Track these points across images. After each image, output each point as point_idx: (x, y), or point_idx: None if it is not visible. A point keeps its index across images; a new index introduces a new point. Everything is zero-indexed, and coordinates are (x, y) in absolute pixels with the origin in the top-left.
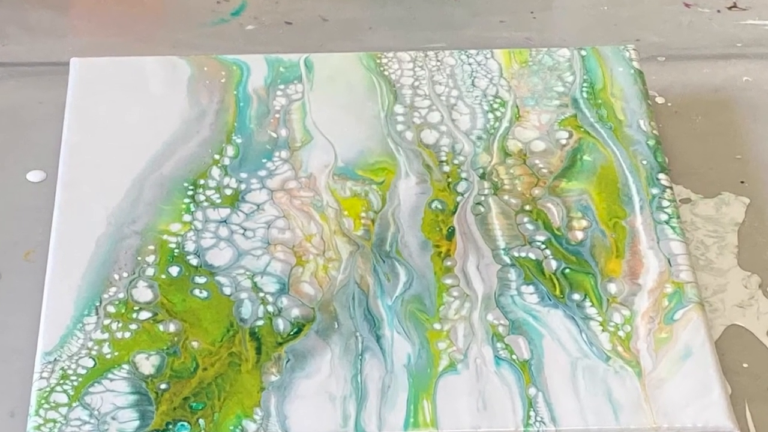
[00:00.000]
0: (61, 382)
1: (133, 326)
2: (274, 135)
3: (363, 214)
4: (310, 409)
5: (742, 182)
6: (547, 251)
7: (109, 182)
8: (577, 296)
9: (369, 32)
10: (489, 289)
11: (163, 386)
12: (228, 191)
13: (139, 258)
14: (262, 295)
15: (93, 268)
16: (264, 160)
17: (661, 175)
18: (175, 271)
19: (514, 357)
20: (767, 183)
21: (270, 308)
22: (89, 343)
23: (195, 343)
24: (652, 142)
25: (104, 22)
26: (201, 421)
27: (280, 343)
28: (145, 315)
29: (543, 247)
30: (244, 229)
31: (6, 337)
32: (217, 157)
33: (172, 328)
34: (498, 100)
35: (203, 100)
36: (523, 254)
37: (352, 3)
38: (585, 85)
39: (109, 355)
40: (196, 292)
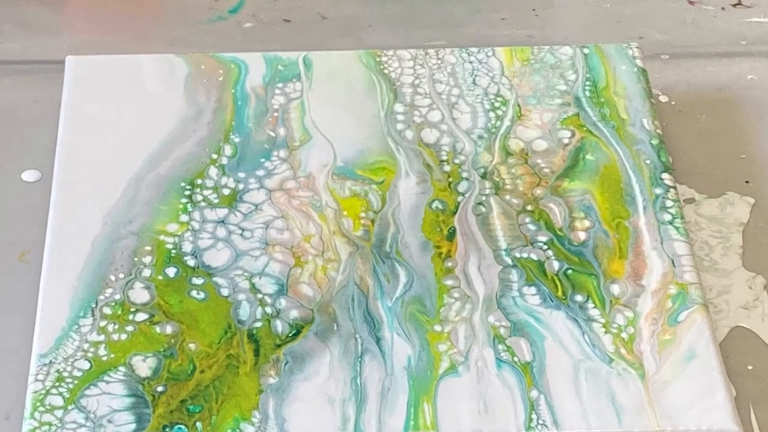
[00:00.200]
0: (57, 384)
1: (130, 328)
2: (273, 134)
3: (362, 215)
4: (309, 412)
5: (747, 182)
6: (549, 252)
7: (105, 182)
8: (579, 297)
9: (368, 30)
10: (490, 291)
11: (160, 389)
12: (226, 191)
13: (136, 259)
14: (260, 296)
15: (89, 269)
16: (262, 160)
17: (665, 175)
18: (172, 272)
19: (516, 359)
20: None
21: (268, 310)
22: (85, 345)
23: (192, 345)
24: (655, 142)
25: (100, 19)
26: (198, 424)
27: (279, 345)
28: (141, 316)
29: (545, 247)
30: (242, 230)
31: (0, 338)
32: (214, 156)
33: (169, 329)
34: (499, 99)
35: (200, 99)
36: (525, 255)
37: (352, 0)
38: (588, 83)
39: (105, 357)
40: (194, 293)
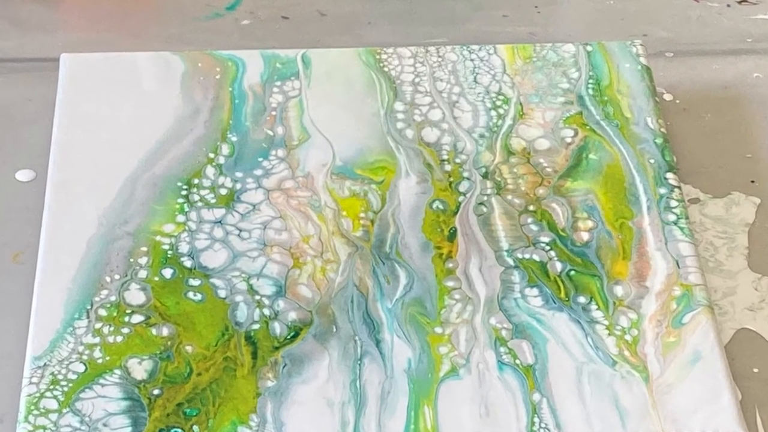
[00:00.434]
0: (51, 387)
1: (126, 330)
2: (271, 133)
3: (362, 215)
4: (308, 416)
5: (753, 182)
6: (552, 253)
7: (100, 182)
8: (582, 299)
9: (368, 27)
10: (492, 292)
11: (156, 392)
12: (223, 191)
13: (132, 260)
14: (258, 297)
15: (84, 270)
16: (260, 159)
17: (669, 175)
18: (168, 273)
19: (518, 362)
20: None
21: (266, 311)
22: (80, 348)
23: (189, 348)
24: (659, 141)
25: (95, 16)
26: (195, 428)
27: (277, 348)
28: (137, 318)
29: (547, 248)
30: (240, 230)
31: None
32: (211, 155)
33: (165, 331)
34: (501, 97)
35: (197, 97)
36: (527, 256)
37: None
38: (591, 81)
39: (100, 360)
40: (190, 294)
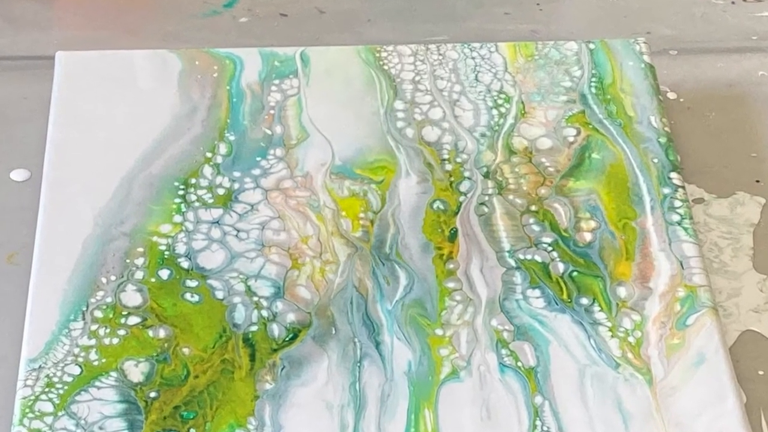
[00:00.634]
0: (46, 390)
1: (122, 332)
2: (269, 132)
3: (361, 215)
4: (306, 418)
5: (758, 181)
6: (554, 253)
7: (96, 181)
8: (585, 300)
9: (368, 24)
10: (493, 293)
11: (153, 394)
12: (220, 191)
13: (128, 260)
14: (256, 299)
15: (79, 271)
16: (258, 159)
17: (673, 174)
18: (165, 274)
19: (520, 364)
20: None
21: (264, 313)
22: (75, 350)
23: (186, 350)
24: (663, 140)
25: (91, 14)
26: (192, 431)
27: (275, 350)
28: (133, 320)
29: (550, 249)
30: (238, 231)
31: None
32: (209, 155)
33: (162, 333)
34: (502, 96)
35: (194, 96)
36: (529, 256)
37: None
38: (593, 79)
39: (96, 362)
40: (187, 296)
